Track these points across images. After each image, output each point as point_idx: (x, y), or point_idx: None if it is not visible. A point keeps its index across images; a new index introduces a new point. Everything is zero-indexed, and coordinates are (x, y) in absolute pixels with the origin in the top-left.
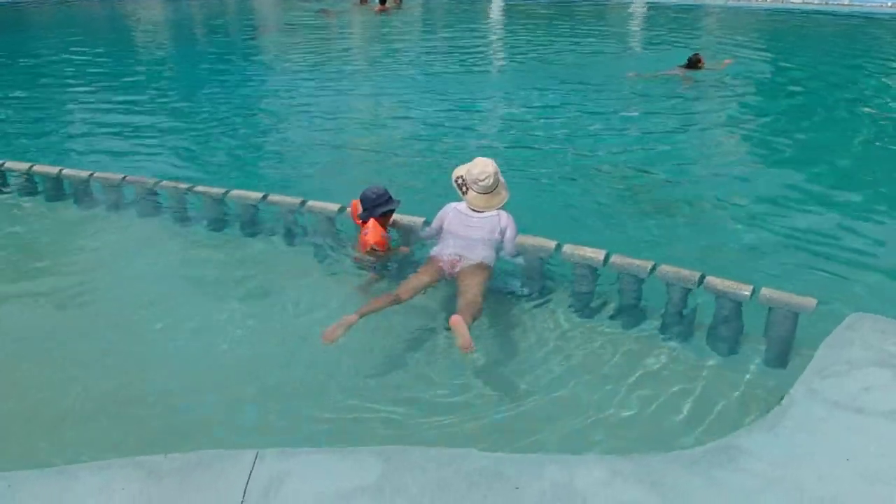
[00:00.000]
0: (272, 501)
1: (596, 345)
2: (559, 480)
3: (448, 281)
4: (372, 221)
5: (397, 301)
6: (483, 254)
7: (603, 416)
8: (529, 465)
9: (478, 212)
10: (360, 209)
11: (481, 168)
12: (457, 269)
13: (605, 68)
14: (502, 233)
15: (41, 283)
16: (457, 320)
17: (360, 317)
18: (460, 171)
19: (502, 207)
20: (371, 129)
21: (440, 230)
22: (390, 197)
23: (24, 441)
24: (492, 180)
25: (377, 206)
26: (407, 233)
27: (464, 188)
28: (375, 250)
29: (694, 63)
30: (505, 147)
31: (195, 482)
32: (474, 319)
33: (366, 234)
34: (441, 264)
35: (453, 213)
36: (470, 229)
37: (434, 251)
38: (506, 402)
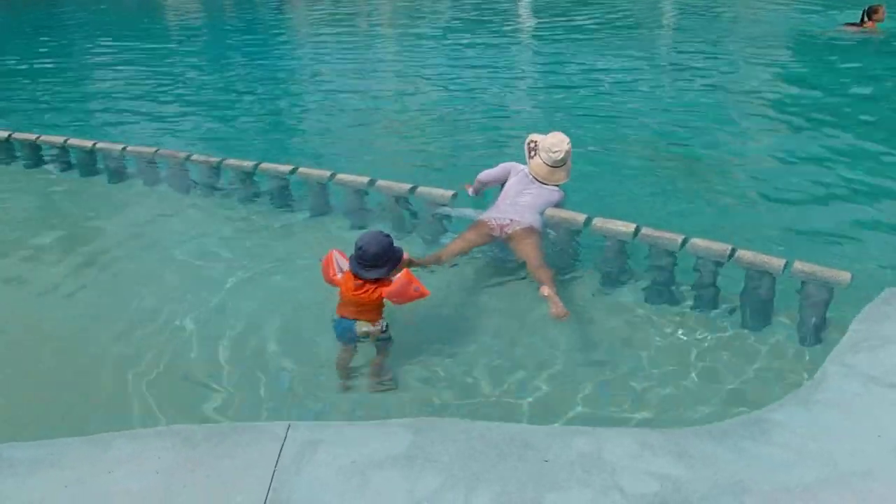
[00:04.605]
0: (304, 469)
1: (626, 319)
2: (588, 452)
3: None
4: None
5: (438, 261)
6: (531, 218)
7: (632, 389)
8: (558, 437)
9: (538, 181)
10: (336, 265)
11: (557, 140)
12: (508, 231)
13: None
14: (553, 206)
15: (75, 255)
16: (548, 291)
17: None
18: (536, 136)
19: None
20: (401, 101)
21: (499, 179)
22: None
23: (61, 409)
24: (562, 156)
25: (396, 256)
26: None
27: (532, 153)
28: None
29: (870, 14)
30: (540, 118)
31: (229, 451)
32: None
33: (415, 290)
34: (490, 227)
35: (520, 176)
36: (524, 196)
37: (483, 215)
38: (535, 374)
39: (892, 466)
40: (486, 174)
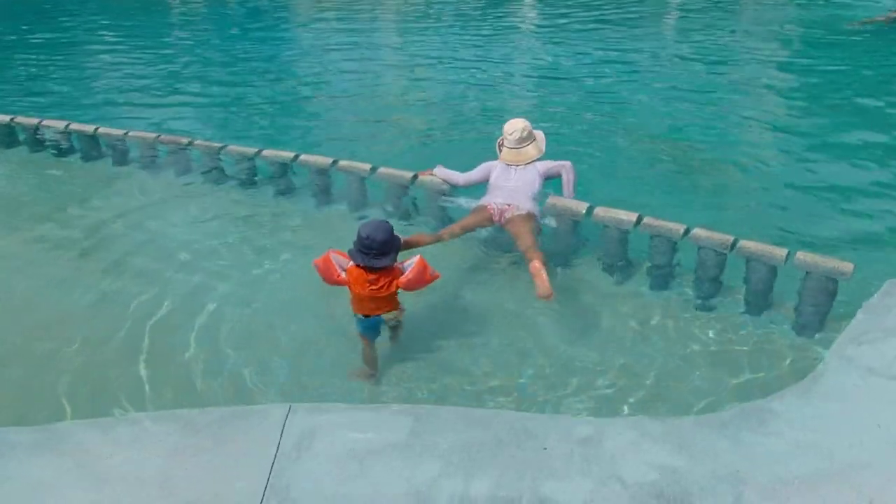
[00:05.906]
0: (305, 454)
1: (627, 308)
2: (588, 441)
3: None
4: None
5: (439, 240)
6: (528, 205)
7: (633, 378)
8: (558, 426)
9: (514, 166)
10: (336, 265)
11: (511, 125)
12: (507, 216)
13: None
14: (542, 177)
15: (74, 240)
16: (538, 267)
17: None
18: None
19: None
20: (404, 89)
21: (479, 181)
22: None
23: (61, 393)
24: (519, 135)
25: (398, 242)
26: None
27: (500, 148)
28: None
29: None
30: (544, 109)
31: (230, 435)
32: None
33: (431, 274)
34: (490, 211)
35: (499, 169)
36: (512, 181)
37: (483, 200)
38: (536, 364)
39: (890, 458)
40: (467, 176)
